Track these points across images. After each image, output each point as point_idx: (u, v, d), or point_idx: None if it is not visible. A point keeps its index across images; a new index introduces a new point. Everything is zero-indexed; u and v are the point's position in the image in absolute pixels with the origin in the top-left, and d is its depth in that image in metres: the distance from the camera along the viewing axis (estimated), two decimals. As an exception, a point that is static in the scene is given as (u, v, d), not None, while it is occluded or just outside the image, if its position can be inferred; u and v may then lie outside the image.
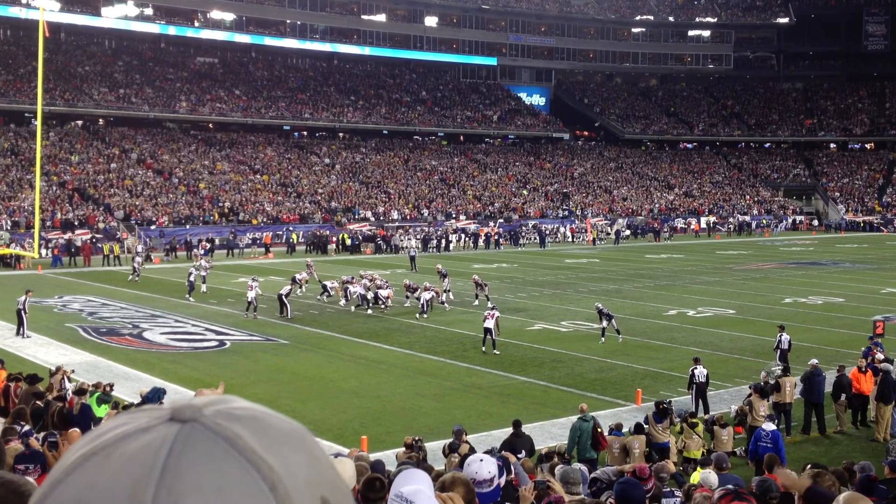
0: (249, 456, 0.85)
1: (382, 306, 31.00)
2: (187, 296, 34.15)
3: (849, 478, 8.65)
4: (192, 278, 34.74)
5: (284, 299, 30.50)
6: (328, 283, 34.22)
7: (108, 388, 17.31)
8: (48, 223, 51.26)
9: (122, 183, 60.98)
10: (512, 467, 7.23)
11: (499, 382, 21.37)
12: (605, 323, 25.85)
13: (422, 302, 30.74)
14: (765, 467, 10.56)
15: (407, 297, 32.79)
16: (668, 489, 9.87)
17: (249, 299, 30.25)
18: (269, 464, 0.85)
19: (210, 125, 76.17)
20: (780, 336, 21.94)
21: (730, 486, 5.95)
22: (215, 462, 0.84)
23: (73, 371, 18.79)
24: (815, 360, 18.70)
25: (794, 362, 21.08)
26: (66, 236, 50.52)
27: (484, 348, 24.48)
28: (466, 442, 13.60)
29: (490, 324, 24.29)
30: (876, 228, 77.81)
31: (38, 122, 31.32)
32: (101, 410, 16.24)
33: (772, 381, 17.72)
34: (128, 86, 73.65)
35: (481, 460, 4.52)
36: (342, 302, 33.04)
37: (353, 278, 34.05)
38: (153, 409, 0.90)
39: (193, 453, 0.84)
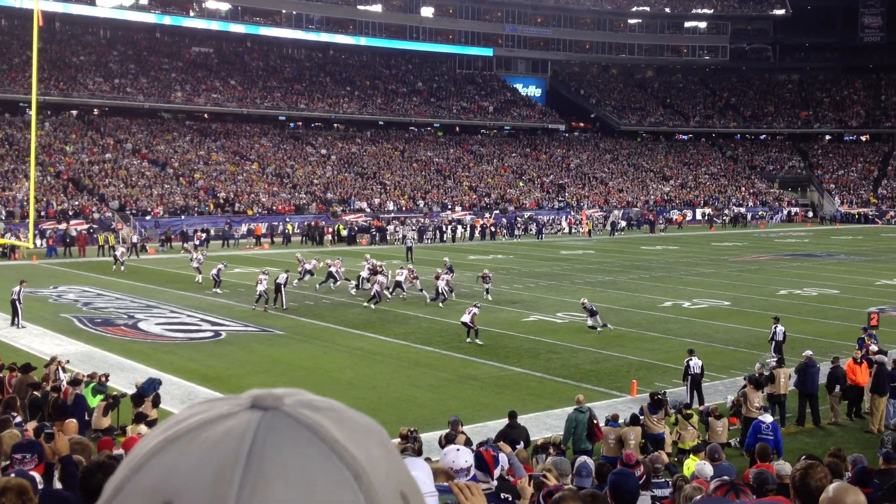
0: (333, 445, 0.84)
1: (389, 295, 31.37)
2: (215, 289, 33.86)
3: (841, 465, 8.67)
4: (215, 273, 34.09)
5: (282, 289, 30.53)
6: (333, 269, 34.49)
7: (103, 379, 17.31)
8: (43, 213, 51.16)
9: (117, 173, 60.85)
10: (507, 458, 7.23)
11: (494, 373, 21.39)
12: (589, 319, 25.96)
13: (440, 288, 31.31)
14: (757, 457, 10.59)
15: (405, 287, 33.02)
16: (663, 480, 9.91)
17: (259, 292, 29.83)
18: (353, 453, 0.85)
19: (205, 115, 76.01)
20: (775, 328, 21.93)
21: (726, 478, 5.97)
22: (300, 449, 0.83)
23: (67, 361, 18.78)
24: (809, 352, 18.74)
25: (789, 354, 21.13)
26: (62, 227, 50.44)
27: (469, 339, 24.55)
28: (462, 433, 13.60)
29: (466, 318, 24.53)
30: (871, 220, 77.94)
31: (33, 112, 31.23)
32: (95, 401, 16.25)
33: (766, 373, 17.76)
34: (123, 76, 73.43)
35: (458, 450, 4.53)
36: (352, 290, 33.57)
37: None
38: (232, 397, 0.90)
39: (278, 439, 0.83)
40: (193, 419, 0.86)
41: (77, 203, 54.94)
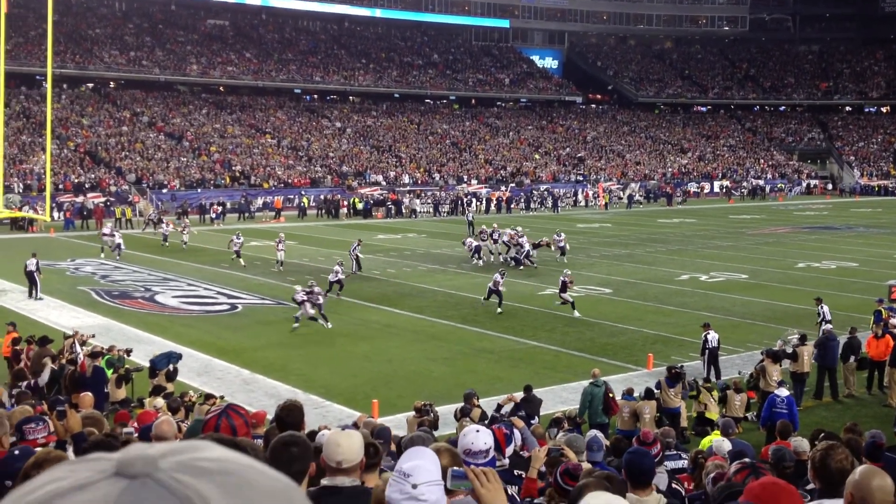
0: None
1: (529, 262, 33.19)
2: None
3: (859, 440, 8.58)
4: (236, 248, 34.01)
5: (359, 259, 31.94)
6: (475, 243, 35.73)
7: (123, 353, 17.25)
8: (60, 186, 51.37)
9: (134, 146, 60.96)
10: (519, 433, 7.19)
11: (509, 346, 21.36)
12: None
13: (526, 250, 33.52)
14: (777, 434, 10.52)
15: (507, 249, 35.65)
16: (675, 453, 9.87)
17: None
18: None
19: (221, 88, 75.89)
20: (821, 308, 20.93)
21: (746, 460, 5.91)
22: None
23: (93, 336, 18.53)
24: (828, 326, 18.58)
25: (809, 328, 20.85)
26: (79, 200, 50.63)
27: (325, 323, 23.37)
28: (478, 406, 13.60)
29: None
30: (890, 193, 77.20)
31: (49, 85, 31.24)
32: (110, 373, 16.35)
33: (789, 350, 17.57)
34: (138, 48, 73.36)
35: (477, 431, 4.46)
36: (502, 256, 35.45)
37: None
38: (97, 458, 0.72)
39: None
40: (40, 492, 0.69)
41: (94, 176, 55.10)
